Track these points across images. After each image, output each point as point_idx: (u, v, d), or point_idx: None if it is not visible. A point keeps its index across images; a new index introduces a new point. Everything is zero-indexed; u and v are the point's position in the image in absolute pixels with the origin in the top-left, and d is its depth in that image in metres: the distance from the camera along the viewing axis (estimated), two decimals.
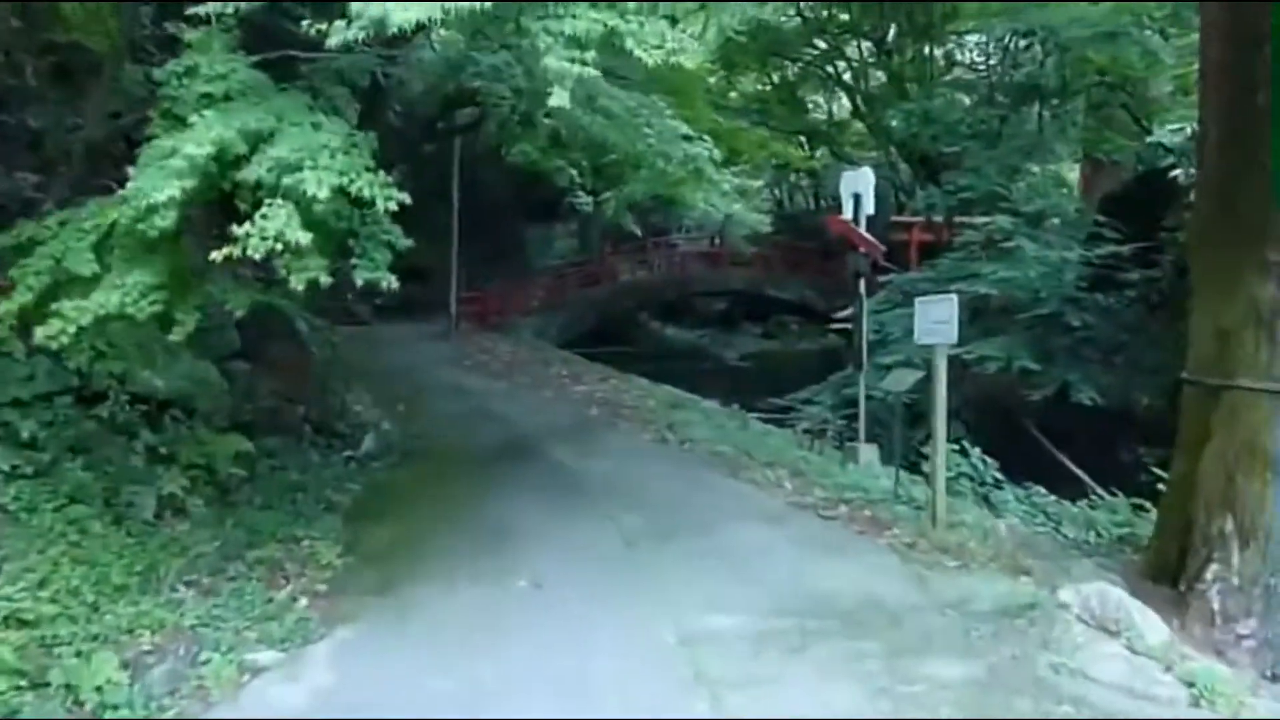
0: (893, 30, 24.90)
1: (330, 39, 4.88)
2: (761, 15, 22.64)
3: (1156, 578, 6.74)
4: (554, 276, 27.43)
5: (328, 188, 4.82)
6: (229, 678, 4.99)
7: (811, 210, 36.14)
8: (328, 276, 5.12)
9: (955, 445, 9.99)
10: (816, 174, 35.06)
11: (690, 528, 7.73)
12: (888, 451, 11.44)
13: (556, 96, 4.85)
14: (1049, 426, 14.10)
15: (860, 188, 11.12)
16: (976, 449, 10.50)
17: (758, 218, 13.11)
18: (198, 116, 4.96)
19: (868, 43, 25.83)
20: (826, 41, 26.20)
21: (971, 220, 17.99)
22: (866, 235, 11.01)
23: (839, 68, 27.37)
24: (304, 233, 4.80)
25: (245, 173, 4.93)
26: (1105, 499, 10.41)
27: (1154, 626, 5.47)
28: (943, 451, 7.93)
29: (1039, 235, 15.49)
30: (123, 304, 5.07)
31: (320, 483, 9.02)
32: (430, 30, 5.21)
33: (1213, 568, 6.28)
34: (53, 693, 4.59)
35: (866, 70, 26.91)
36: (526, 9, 5.42)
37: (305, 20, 5.24)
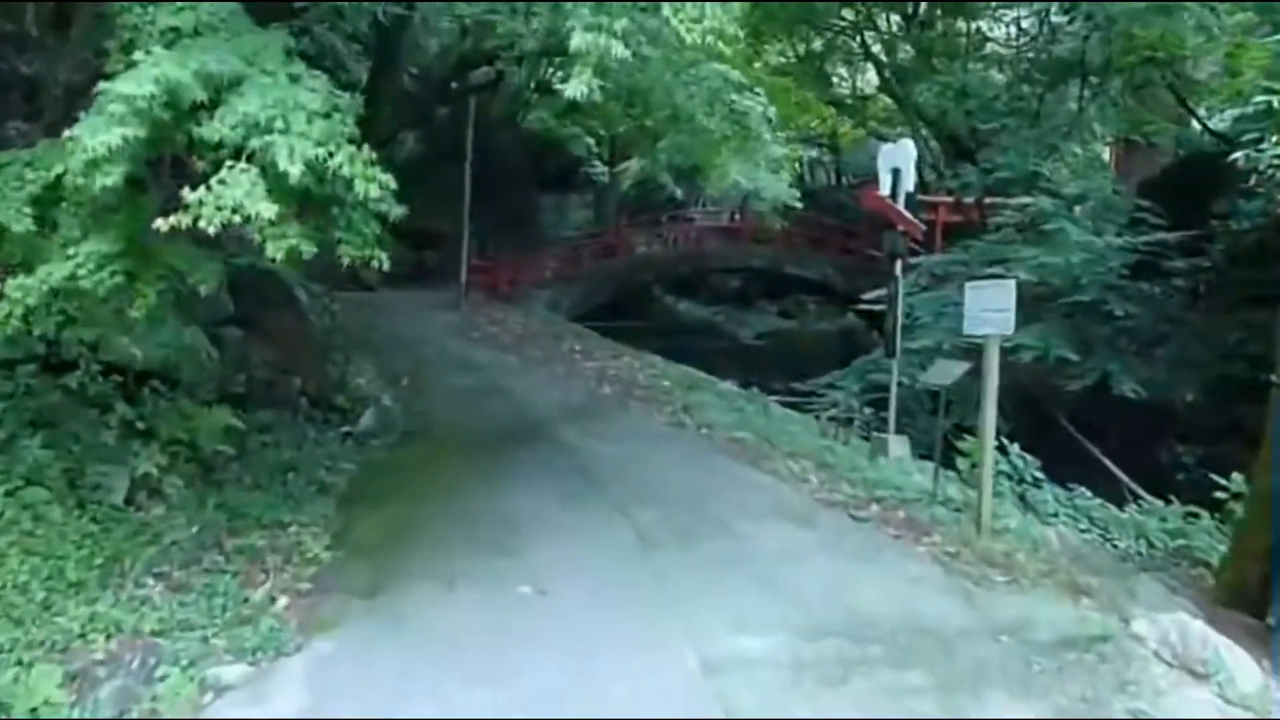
0: (924, 3, 23.89)
1: None
2: None
3: (1235, 604, 6.07)
4: (568, 248, 26.71)
5: (300, 160, 4.09)
6: (187, 698, 4.37)
7: (832, 186, 35.14)
8: (311, 245, 4.42)
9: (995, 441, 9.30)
10: (838, 149, 34.13)
11: (710, 526, 7.09)
12: (918, 444, 10.78)
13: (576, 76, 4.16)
14: (1078, 418, 13.39)
15: (900, 162, 10.39)
16: (1015, 445, 9.80)
17: (791, 191, 12.23)
18: (144, 54, 4.22)
19: (897, 16, 24.87)
20: (856, 11, 25.29)
21: (1005, 201, 17.13)
22: (905, 213, 10.28)
23: (868, 39, 26.45)
24: (268, 205, 4.08)
25: (204, 129, 4.22)
26: (1148, 502, 9.74)
27: (1245, 669, 4.81)
28: (990, 451, 7.24)
29: (1079, 219, 14.68)
30: (75, 275, 4.36)
31: (314, 462, 8.50)
32: None
33: None
34: None
35: (895, 44, 25.99)
36: None
37: None
